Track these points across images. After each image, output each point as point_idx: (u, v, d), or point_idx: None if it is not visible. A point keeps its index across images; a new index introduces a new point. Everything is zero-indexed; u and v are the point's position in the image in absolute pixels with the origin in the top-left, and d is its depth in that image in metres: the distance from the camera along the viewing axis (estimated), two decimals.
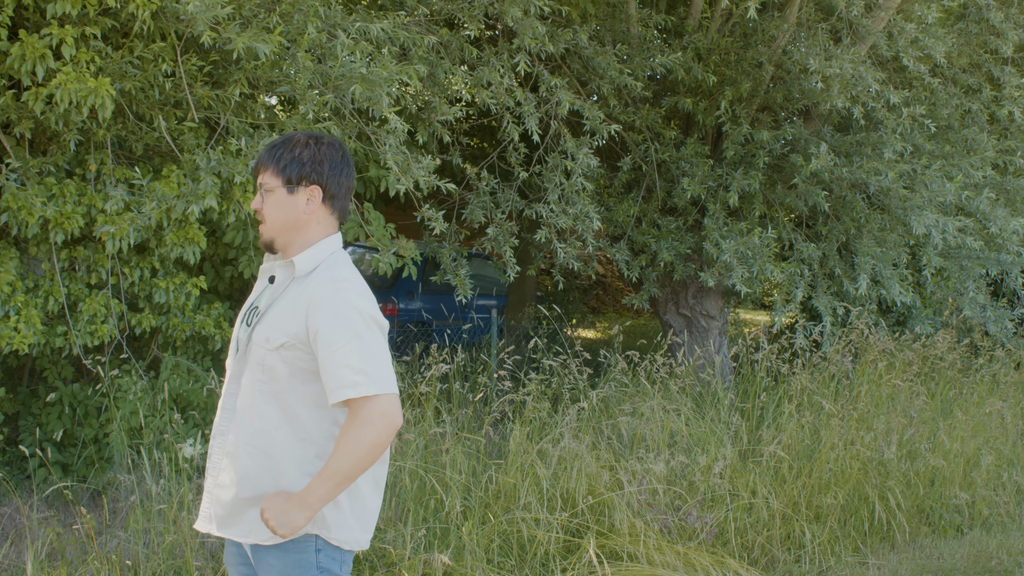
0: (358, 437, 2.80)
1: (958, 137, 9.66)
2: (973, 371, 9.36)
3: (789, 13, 8.85)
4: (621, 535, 5.59)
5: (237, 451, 2.96)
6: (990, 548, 6.85)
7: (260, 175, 3.01)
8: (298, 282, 3.00)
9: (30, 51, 5.06)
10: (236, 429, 2.98)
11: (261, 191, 3.01)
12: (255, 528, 2.96)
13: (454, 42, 7.63)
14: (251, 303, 3.15)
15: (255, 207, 3.03)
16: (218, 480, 3.00)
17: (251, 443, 2.95)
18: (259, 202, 3.02)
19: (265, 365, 2.93)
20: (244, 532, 2.97)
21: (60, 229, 5.73)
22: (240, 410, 2.99)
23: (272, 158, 2.99)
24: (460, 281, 8.32)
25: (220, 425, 3.04)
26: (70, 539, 5.38)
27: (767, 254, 8.35)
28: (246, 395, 2.98)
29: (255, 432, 2.95)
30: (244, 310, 3.16)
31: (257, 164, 3.02)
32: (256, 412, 2.95)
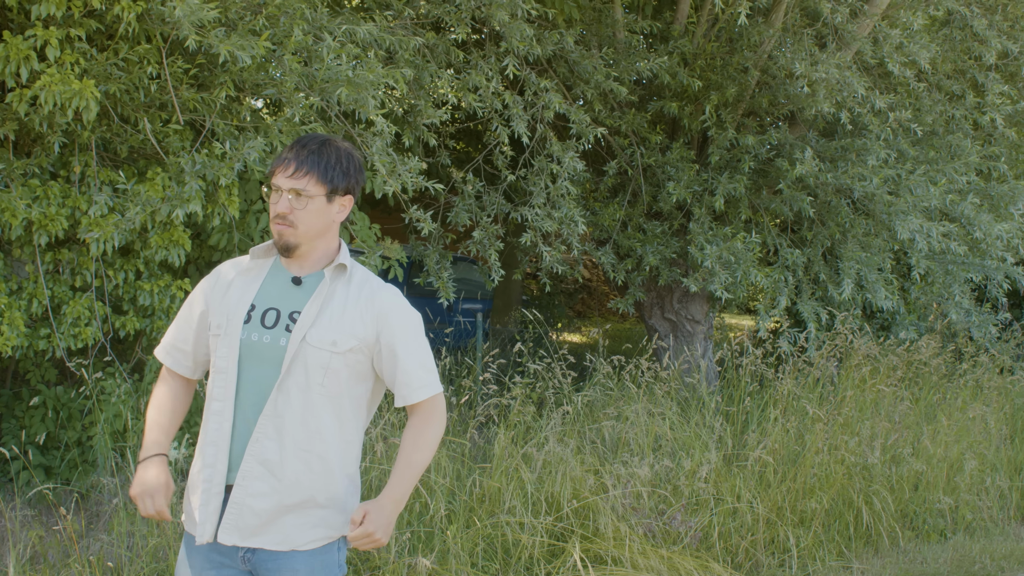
0: (435, 432, 3.10)
1: (942, 143, 9.70)
2: (957, 376, 9.40)
3: (775, 19, 8.88)
4: (606, 539, 5.59)
5: (283, 457, 2.93)
6: (973, 553, 6.87)
7: (297, 179, 2.91)
8: (344, 286, 3.04)
9: (14, 52, 5.04)
10: (281, 435, 2.93)
11: (291, 195, 2.91)
12: (292, 534, 2.96)
13: (440, 45, 7.63)
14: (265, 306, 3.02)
15: (284, 210, 2.92)
16: (250, 490, 2.93)
17: (305, 448, 2.96)
18: (287, 206, 2.92)
19: (330, 369, 2.96)
20: (279, 540, 2.96)
21: (44, 231, 5.71)
22: (288, 415, 2.94)
23: (317, 166, 2.92)
24: (443, 284, 8.32)
25: (260, 431, 2.93)
26: (52, 542, 5.35)
27: (751, 259, 8.37)
28: (297, 400, 2.94)
29: (310, 436, 2.96)
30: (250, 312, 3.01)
31: (295, 168, 2.91)
32: (312, 416, 2.96)
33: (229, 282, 3.09)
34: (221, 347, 2.99)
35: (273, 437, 2.93)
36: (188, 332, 3.13)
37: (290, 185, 2.90)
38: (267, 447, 2.93)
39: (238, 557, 2.98)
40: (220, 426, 2.96)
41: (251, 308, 3.01)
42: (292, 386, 2.93)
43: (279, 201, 2.92)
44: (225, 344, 2.98)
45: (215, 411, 2.98)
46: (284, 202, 2.91)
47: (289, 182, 2.90)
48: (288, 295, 3.03)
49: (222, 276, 3.12)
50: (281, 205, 2.91)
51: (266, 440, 2.93)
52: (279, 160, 2.95)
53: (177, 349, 3.15)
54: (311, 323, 2.96)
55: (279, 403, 2.93)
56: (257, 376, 2.96)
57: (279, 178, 2.92)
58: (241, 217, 6.85)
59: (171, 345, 3.16)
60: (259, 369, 2.96)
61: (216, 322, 3.03)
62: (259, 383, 2.96)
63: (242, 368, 2.97)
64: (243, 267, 3.12)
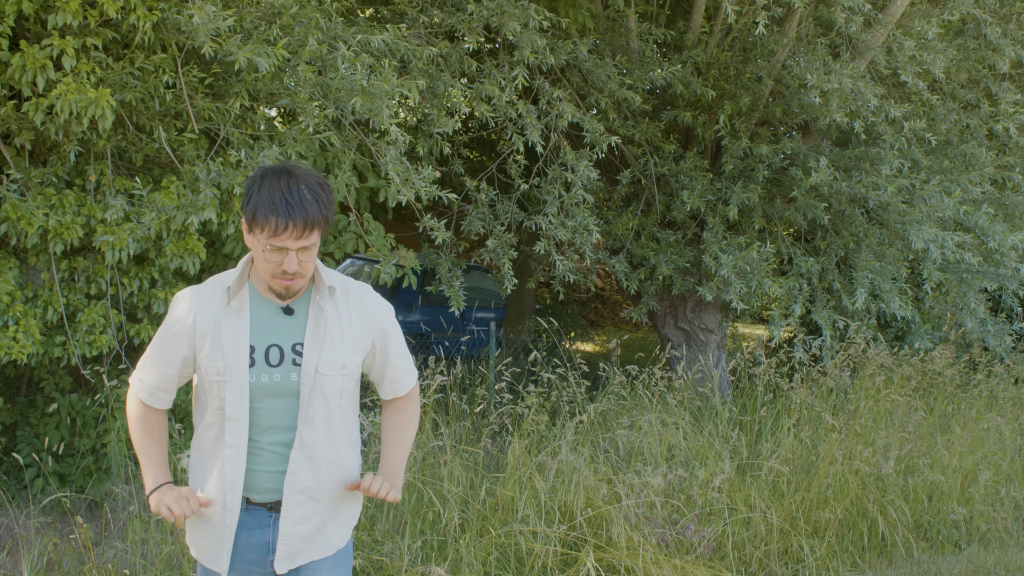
0: (417, 414, 3.35)
1: (956, 152, 9.68)
2: (971, 386, 9.36)
3: (788, 28, 8.87)
4: (619, 549, 5.58)
5: (319, 482, 3.05)
6: (988, 564, 6.83)
7: (307, 238, 2.81)
8: (331, 303, 3.04)
9: (31, 62, 5.07)
10: (314, 462, 3.02)
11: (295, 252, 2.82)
12: (334, 539, 3.16)
13: (454, 54, 7.64)
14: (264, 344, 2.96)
15: (294, 270, 2.83)
16: (295, 518, 3.02)
17: (336, 466, 3.09)
18: (297, 264, 2.83)
19: (343, 390, 3.05)
20: (323, 549, 3.13)
21: (59, 239, 5.74)
22: (316, 442, 3.01)
23: (320, 216, 2.81)
24: (454, 292, 8.32)
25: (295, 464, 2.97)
26: (67, 549, 5.37)
27: (765, 269, 8.36)
28: (321, 426, 3.01)
29: (337, 454, 3.09)
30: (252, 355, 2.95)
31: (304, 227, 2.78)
32: (335, 435, 3.07)
33: (211, 322, 2.96)
34: (230, 395, 2.93)
35: (306, 467, 3.00)
36: (171, 373, 3.03)
37: (300, 245, 2.82)
38: (303, 477, 3.00)
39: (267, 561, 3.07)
40: (235, 471, 2.97)
41: (251, 350, 2.95)
42: (315, 416, 2.99)
43: (287, 261, 2.82)
44: (233, 392, 2.93)
45: (230, 458, 2.96)
46: (294, 261, 2.83)
47: (299, 243, 2.81)
48: (282, 327, 2.99)
49: (200, 316, 2.97)
50: (291, 264, 2.83)
51: (300, 471, 3.00)
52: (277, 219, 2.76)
53: (162, 390, 3.06)
54: (319, 353, 2.97)
55: (305, 434, 2.98)
56: (273, 409, 2.98)
57: (287, 241, 2.79)
58: None
59: (155, 387, 3.04)
60: (274, 403, 2.98)
61: (215, 368, 2.93)
62: (276, 416, 2.98)
63: (255, 408, 2.97)
64: (219, 303, 2.98)
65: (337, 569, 3.16)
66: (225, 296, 2.97)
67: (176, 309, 3.02)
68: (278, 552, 3.02)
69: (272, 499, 3.02)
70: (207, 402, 3.01)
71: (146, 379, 3.05)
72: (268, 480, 3.00)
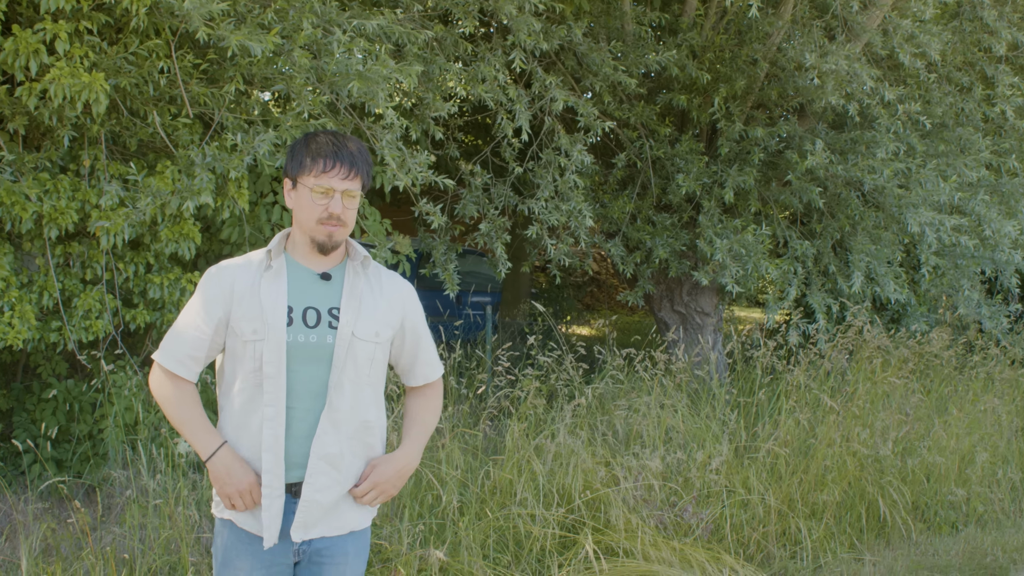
0: (440, 400, 3.43)
1: (952, 136, 9.66)
2: (968, 369, 9.37)
3: (784, 10, 8.85)
4: (617, 531, 5.58)
5: (341, 450, 3.05)
6: (985, 545, 6.85)
7: (351, 180, 2.99)
8: (364, 276, 3.15)
9: (23, 46, 5.03)
10: (338, 429, 3.03)
11: (343, 196, 2.99)
12: (349, 518, 3.14)
13: (448, 38, 7.61)
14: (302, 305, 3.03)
15: (338, 211, 2.98)
16: (316, 486, 3.01)
17: (359, 439, 3.11)
18: (341, 206, 2.99)
19: (375, 359, 3.11)
20: (338, 525, 3.12)
21: (54, 224, 5.71)
22: (343, 409, 3.03)
23: (364, 166, 3.03)
24: (448, 276, 8.31)
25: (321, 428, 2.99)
26: (65, 535, 5.36)
27: (761, 251, 8.35)
28: (349, 393, 3.04)
29: (361, 426, 3.10)
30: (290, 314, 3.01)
31: (348, 169, 2.98)
32: (362, 406, 3.10)
33: (248, 286, 3.03)
34: (267, 352, 2.97)
35: (331, 432, 3.01)
36: (202, 341, 3.05)
37: (345, 187, 2.98)
38: (327, 443, 3.01)
39: (291, 551, 3.06)
40: (275, 431, 2.98)
41: (289, 310, 3.01)
42: (345, 381, 3.03)
43: (332, 203, 2.97)
44: (271, 350, 2.97)
45: (269, 417, 2.97)
46: (338, 203, 2.97)
47: (344, 184, 2.98)
48: (319, 291, 3.07)
49: (238, 281, 3.04)
50: (336, 206, 2.97)
51: (326, 436, 3.01)
52: (325, 160, 2.96)
53: (192, 359, 3.07)
54: (356, 317, 3.04)
55: (334, 399, 3.01)
56: (306, 375, 3.01)
57: (333, 180, 2.96)
58: (251, 210, 6.85)
59: (186, 355, 3.05)
60: (307, 368, 3.01)
61: (251, 328, 2.99)
62: (309, 382, 3.01)
63: (289, 371, 2.99)
64: (258, 268, 3.06)
65: (360, 559, 3.19)
66: (262, 264, 3.06)
67: (209, 279, 3.09)
68: (296, 519, 3.00)
69: (296, 479, 3.01)
70: (237, 369, 3.03)
71: (175, 349, 3.06)
72: (297, 450, 3.00)
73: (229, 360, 3.07)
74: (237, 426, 3.03)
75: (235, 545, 3.07)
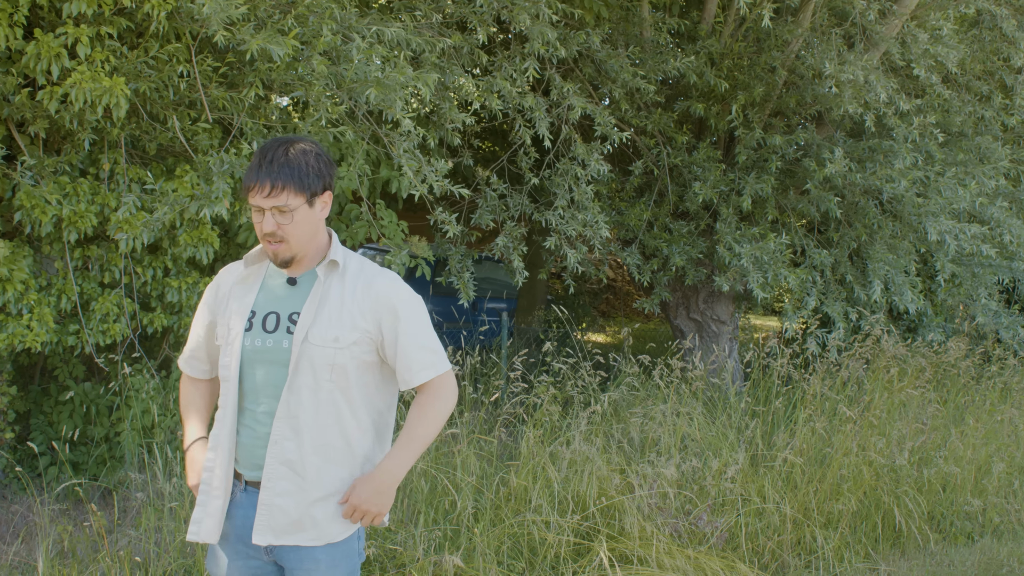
0: (440, 408, 3.12)
1: (971, 145, 9.63)
2: (985, 378, 9.33)
3: (803, 18, 8.84)
4: (632, 539, 5.57)
5: (303, 455, 3.00)
6: (1001, 556, 6.82)
7: (276, 197, 2.88)
8: (337, 279, 3.07)
9: (45, 50, 5.07)
10: (298, 434, 2.99)
11: (274, 212, 2.90)
12: (325, 528, 3.05)
13: (465, 46, 7.62)
14: (264, 311, 3.05)
15: (269, 230, 2.90)
16: (276, 490, 3.00)
17: (322, 443, 3.02)
18: (273, 224, 2.90)
19: (336, 364, 3.00)
20: (313, 536, 3.04)
21: (73, 228, 5.75)
22: (302, 414, 2.99)
23: (292, 177, 2.89)
24: (463, 284, 8.32)
25: (278, 433, 2.98)
26: (81, 537, 5.38)
27: (781, 260, 8.34)
28: (308, 398, 2.99)
29: (325, 431, 3.02)
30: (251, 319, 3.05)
31: (271, 186, 2.87)
32: (325, 411, 3.02)
33: (228, 291, 3.14)
34: (223, 356, 3.07)
35: (291, 437, 2.99)
36: (200, 342, 3.25)
37: (271, 204, 2.89)
38: (286, 447, 2.99)
39: (262, 549, 3.07)
40: (219, 431, 3.06)
41: (251, 315, 3.05)
42: (302, 386, 2.99)
43: (264, 221, 2.91)
44: (227, 353, 3.05)
45: (218, 418, 3.06)
46: (270, 221, 2.91)
47: (269, 201, 2.89)
48: (285, 297, 3.07)
49: (222, 287, 3.17)
50: (267, 225, 2.91)
51: (284, 441, 2.99)
52: (249, 177, 2.90)
53: (194, 358, 3.29)
54: (311, 322, 2.99)
55: (291, 403, 2.98)
56: (264, 378, 3.02)
57: (257, 199, 2.89)
58: None
59: (190, 355, 3.29)
60: (266, 372, 3.02)
61: (222, 332, 3.10)
62: (268, 386, 3.02)
63: (247, 374, 3.04)
64: (238, 274, 3.15)
65: (334, 551, 3.08)
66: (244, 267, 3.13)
67: (211, 283, 3.22)
68: (256, 522, 3.00)
69: (257, 477, 3.04)
70: (219, 367, 3.14)
71: (185, 348, 3.29)
72: (254, 452, 3.03)
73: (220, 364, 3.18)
74: None
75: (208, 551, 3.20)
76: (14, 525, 6.00)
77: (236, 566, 3.11)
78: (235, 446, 3.06)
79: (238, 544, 3.09)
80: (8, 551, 5.49)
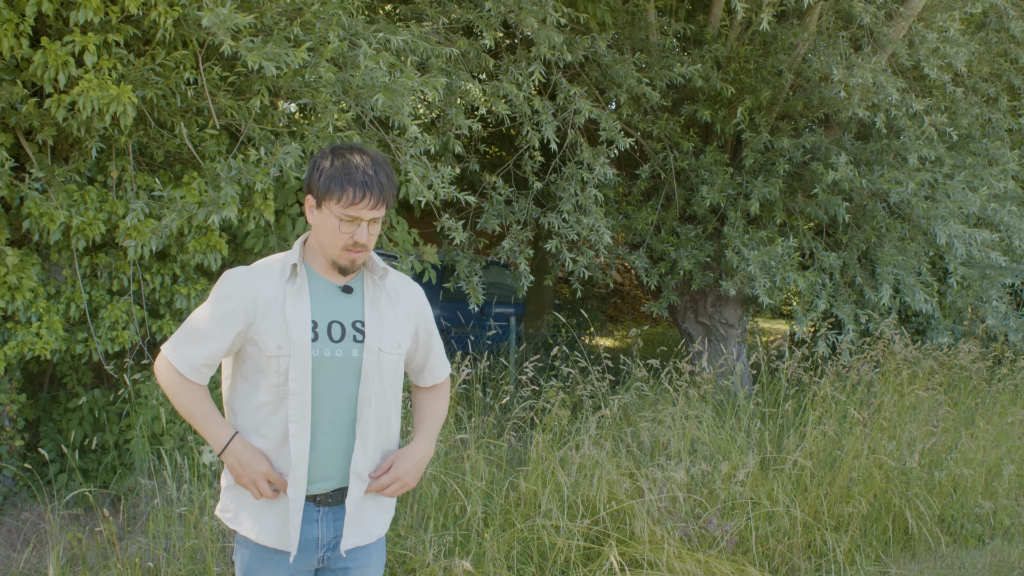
0: (448, 397, 3.45)
1: (979, 148, 9.62)
2: (996, 380, 9.31)
3: (809, 21, 8.83)
4: (641, 543, 5.56)
5: (367, 463, 3.08)
6: (1012, 558, 6.80)
7: (379, 210, 2.93)
8: (379, 285, 3.13)
9: (52, 58, 5.08)
10: (366, 442, 3.05)
11: (369, 224, 2.94)
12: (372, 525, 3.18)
13: (472, 51, 7.63)
14: (326, 319, 3.01)
15: (364, 240, 2.94)
16: (356, 502, 3.06)
17: (382, 448, 3.14)
18: (366, 235, 2.94)
19: (397, 370, 3.13)
20: (368, 532, 3.16)
21: (82, 235, 5.76)
22: (371, 422, 3.05)
23: (390, 192, 2.96)
24: (472, 289, 8.33)
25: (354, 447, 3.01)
26: (91, 544, 5.39)
27: (790, 263, 8.33)
28: (376, 405, 3.06)
29: (385, 437, 3.14)
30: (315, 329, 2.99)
31: (376, 199, 2.91)
32: (385, 417, 3.12)
33: (271, 299, 2.98)
34: (293, 369, 2.94)
35: (360, 447, 3.03)
36: (221, 350, 3.01)
37: (372, 216, 2.93)
38: (358, 458, 3.03)
39: (315, 558, 3.08)
40: (299, 447, 2.96)
41: (314, 325, 2.99)
42: (372, 394, 3.03)
43: (358, 231, 2.93)
44: (297, 366, 2.94)
45: (294, 433, 2.96)
46: (364, 231, 2.94)
47: (373, 213, 2.93)
48: (341, 305, 3.05)
49: (261, 293, 2.98)
50: (362, 235, 2.93)
51: (358, 451, 3.03)
52: (351, 190, 2.88)
53: (207, 367, 3.03)
54: (381, 331, 3.04)
55: (363, 413, 3.01)
56: (332, 389, 3.00)
57: (362, 211, 2.90)
58: (276, 220, 6.88)
59: (202, 363, 3.00)
60: (334, 382, 3.00)
61: (275, 343, 2.94)
62: (335, 395, 3.00)
63: (315, 385, 2.98)
64: (277, 279, 3.01)
65: (381, 561, 3.23)
66: (282, 274, 3.01)
67: (228, 287, 3.00)
68: (344, 532, 3.06)
69: (319, 490, 3.02)
70: (259, 381, 2.98)
71: (191, 355, 3.00)
72: (323, 461, 3.00)
73: (251, 368, 3.02)
74: (251, 431, 3.02)
75: (258, 554, 3.07)
76: (25, 533, 6.01)
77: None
78: None
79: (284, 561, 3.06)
80: (19, 559, 5.50)
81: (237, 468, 2.97)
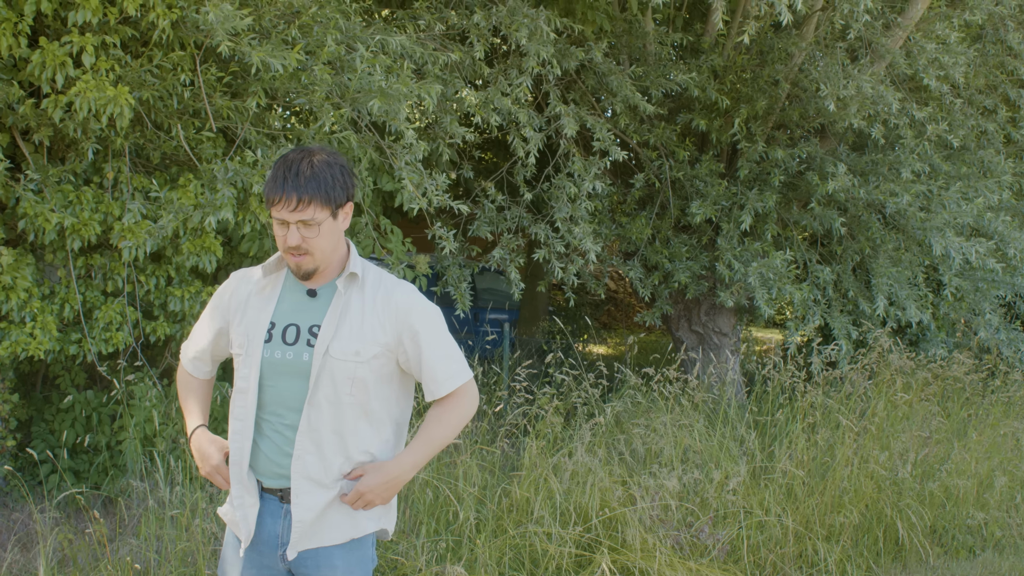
0: (460, 414, 3.12)
1: (974, 159, 9.64)
2: (988, 392, 9.32)
3: (806, 31, 8.85)
4: (633, 551, 5.56)
5: (326, 468, 3.00)
6: (1003, 570, 6.80)
7: (302, 211, 2.86)
8: (358, 292, 3.05)
9: (50, 59, 5.08)
10: (320, 447, 2.99)
11: (299, 226, 2.88)
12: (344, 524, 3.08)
13: (467, 59, 7.63)
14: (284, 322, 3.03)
15: (295, 243, 2.89)
16: (305, 505, 3.00)
17: (343, 455, 3.02)
18: (298, 237, 2.88)
19: (356, 378, 2.99)
20: (332, 534, 3.07)
21: (77, 236, 5.75)
22: (323, 427, 2.98)
23: (318, 191, 2.86)
24: (460, 295, 8.34)
25: (300, 448, 2.98)
26: (82, 545, 5.37)
27: (787, 275, 8.35)
28: (328, 411, 2.99)
29: (345, 443, 3.02)
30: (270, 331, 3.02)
31: (296, 200, 2.84)
32: (345, 423, 3.01)
33: (245, 300, 3.10)
34: (242, 367, 3.03)
35: (312, 451, 2.99)
36: (205, 345, 3.24)
37: (297, 218, 2.87)
38: (309, 462, 2.99)
39: (276, 555, 3.07)
40: (240, 444, 3.04)
41: (271, 326, 3.03)
42: (322, 399, 2.98)
43: (289, 234, 2.90)
44: (246, 365, 3.02)
45: (236, 431, 3.04)
46: (295, 235, 2.89)
47: (295, 215, 2.87)
48: (305, 309, 3.05)
49: (238, 293, 3.13)
50: (293, 239, 2.89)
51: (307, 455, 2.99)
52: (274, 190, 2.87)
53: (199, 360, 3.28)
54: (332, 336, 2.98)
55: (312, 417, 2.97)
56: (284, 389, 3.01)
57: (283, 212, 2.87)
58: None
59: (194, 356, 3.27)
60: (285, 384, 3.00)
61: (238, 342, 3.06)
62: (288, 398, 3.00)
63: (267, 386, 3.02)
64: (255, 282, 3.11)
65: (350, 556, 3.09)
66: (262, 275, 3.10)
67: (221, 286, 3.19)
68: (292, 539, 3.01)
69: (281, 485, 3.03)
70: (234, 383, 3.08)
71: (187, 347, 3.28)
72: (275, 462, 3.02)
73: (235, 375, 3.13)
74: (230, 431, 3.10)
75: (230, 542, 3.16)
76: (15, 533, 5.99)
77: (249, 574, 3.11)
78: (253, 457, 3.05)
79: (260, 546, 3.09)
80: (8, 559, 5.49)
81: (197, 458, 3.15)
